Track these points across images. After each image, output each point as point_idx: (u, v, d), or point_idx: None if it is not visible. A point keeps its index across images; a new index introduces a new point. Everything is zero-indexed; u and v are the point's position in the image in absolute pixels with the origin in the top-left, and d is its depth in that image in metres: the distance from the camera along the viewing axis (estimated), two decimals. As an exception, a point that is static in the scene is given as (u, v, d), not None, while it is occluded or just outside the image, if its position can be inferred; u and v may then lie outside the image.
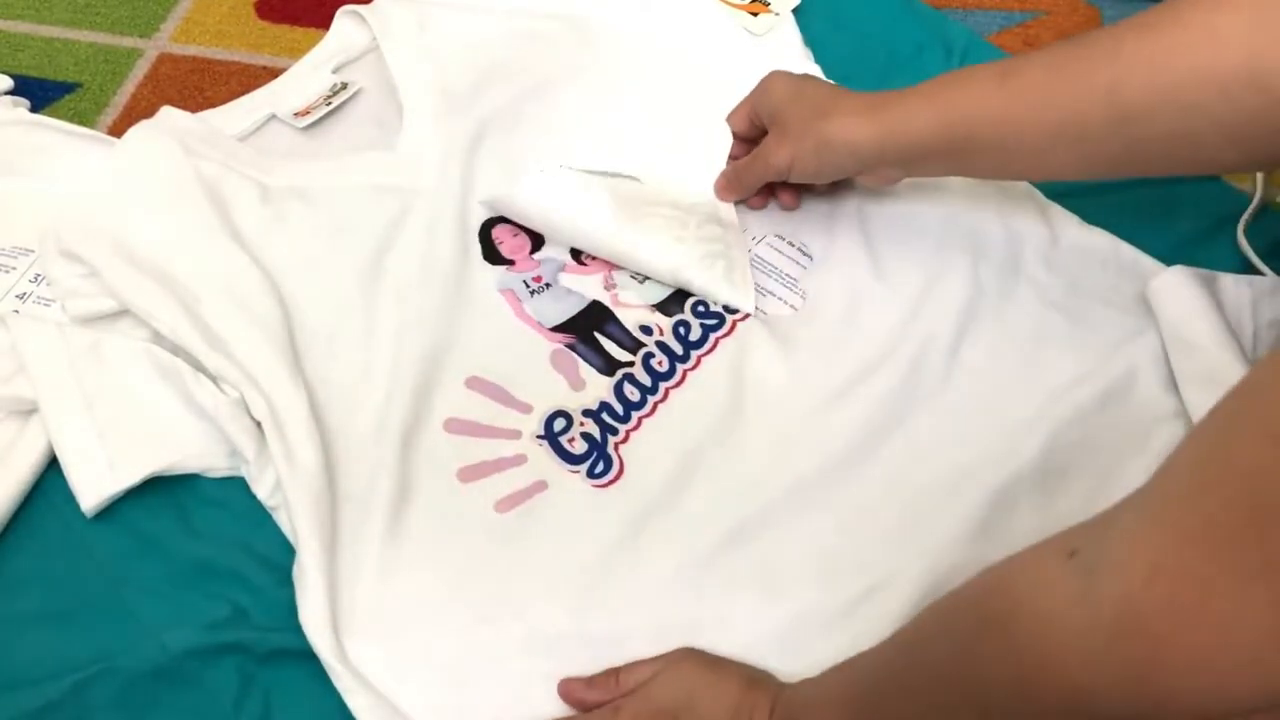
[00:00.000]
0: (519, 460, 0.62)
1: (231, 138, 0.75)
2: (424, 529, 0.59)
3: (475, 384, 0.65)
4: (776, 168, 0.66)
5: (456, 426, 0.63)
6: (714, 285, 0.67)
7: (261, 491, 0.61)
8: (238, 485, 0.62)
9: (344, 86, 0.79)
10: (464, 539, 0.59)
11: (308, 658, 0.55)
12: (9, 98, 0.81)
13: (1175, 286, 0.63)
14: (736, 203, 0.71)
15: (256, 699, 0.56)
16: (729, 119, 0.71)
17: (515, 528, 0.60)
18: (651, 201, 0.69)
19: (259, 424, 0.61)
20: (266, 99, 0.78)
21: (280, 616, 0.57)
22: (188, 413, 0.62)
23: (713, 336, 0.66)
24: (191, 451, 0.62)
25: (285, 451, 0.59)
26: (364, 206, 0.71)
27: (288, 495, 0.59)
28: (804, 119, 0.64)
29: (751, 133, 0.70)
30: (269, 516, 0.61)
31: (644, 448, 0.62)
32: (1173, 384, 0.62)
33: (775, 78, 0.68)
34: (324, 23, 0.83)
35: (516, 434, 0.63)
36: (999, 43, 0.83)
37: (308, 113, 0.77)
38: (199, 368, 0.63)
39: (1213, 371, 0.60)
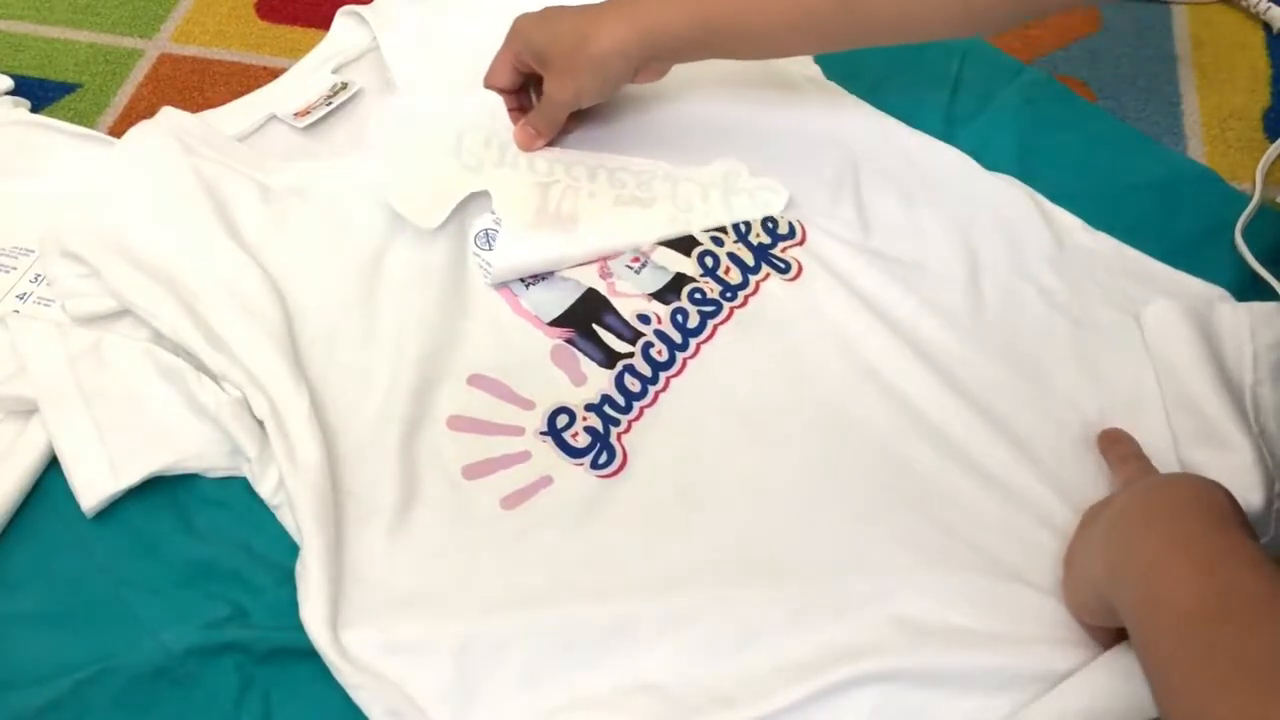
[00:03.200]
0: (523, 457, 0.62)
1: (231, 138, 0.75)
2: (429, 526, 0.60)
3: (478, 381, 0.65)
4: (566, 103, 0.70)
5: (460, 424, 0.63)
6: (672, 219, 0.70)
7: (264, 490, 0.61)
8: (238, 485, 0.62)
9: (344, 86, 0.79)
10: (470, 535, 0.59)
11: (308, 657, 0.55)
12: (9, 98, 0.81)
13: (1166, 315, 0.63)
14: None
15: (256, 698, 0.56)
16: (491, 79, 0.73)
17: (521, 523, 0.60)
18: (559, 195, 0.71)
19: (261, 423, 0.61)
20: (266, 99, 0.79)
21: (280, 616, 0.57)
22: (188, 413, 0.62)
23: (711, 324, 0.66)
24: (191, 451, 0.62)
25: (287, 450, 0.59)
26: (364, 207, 0.71)
27: (291, 493, 0.59)
28: (571, 51, 0.68)
29: (519, 81, 0.73)
30: (269, 516, 0.61)
31: (646, 436, 0.62)
32: None
33: (522, 22, 0.71)
34: (324, 23, 0.83)
35: (520, 430, 0.63)
36: (999, 42, 0.83)
37: (308, 113, 0.77)
38: (200, 367, 0.63)
39: (1189, 398, 0.60)
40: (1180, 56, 0.82)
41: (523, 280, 0.69)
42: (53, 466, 0.63)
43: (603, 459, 0.62)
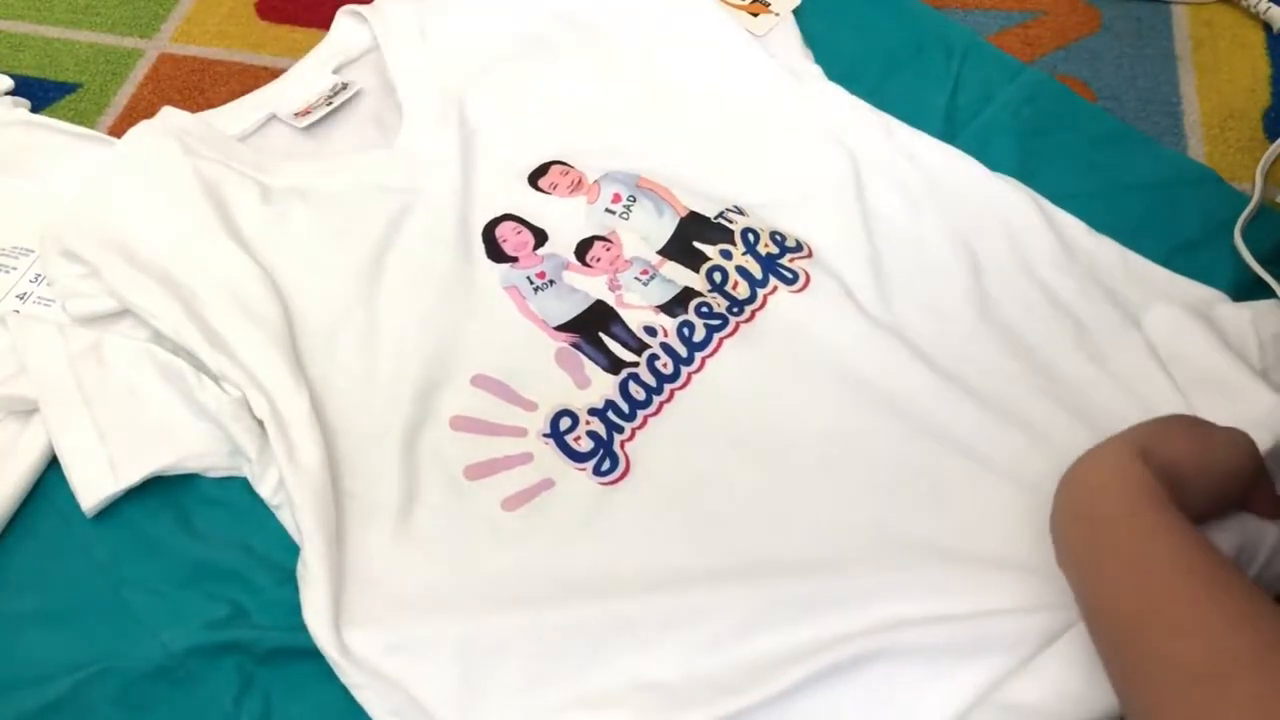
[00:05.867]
0: (525, 458, 0.62)
1: (231, 138, 0.75)
2: (430, 526, 0.60)
3: (481, 382, 0.65)
4: None
5: (463, 424, 0.63)
6: None
7: (264, 490, 0.61)
8: (238, 485, 0.62)
9: (344, 87, 0.79)
10: (471, 536, 0.59)
11: (308, 657, 0.55)
12: (9, 98, 0.81)
13: (1169, 315, 0.63)
14: None
15: (257, 698, 0.56)
16: None
17: (522, 525, 0.60)
18: None
19: (261, 423, 0.61)
20: (267, 99, 0.78)
21: (280, 616, 0.57)
22: (188, 413, 0.62)
23: (716, 337, 0.66)
24: (191, 451, 0.62)
25: (288, 450, 0.59)
26: (365, 206, 0.71)
27: (291, 494, 0.59)
28: None
29: None
30: (269, 516, 0.61)
31: (650, 446, 0.62)
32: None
33: None
34: (324, 23, 0.83)
35: (523, 432, 0.63)
36: (999, 42, 0.83)
37: (308, 113, 0.77)
38: (200, 368, 0.63)
39: (1208, 374, 0.60)
40: (1180, 56, 0.82)
41: (531, 283, 0.68)
42: (53, 466, 0.63)
43: (605, 466, 0.62)
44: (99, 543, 0.61)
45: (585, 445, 0.62)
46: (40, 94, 0.84)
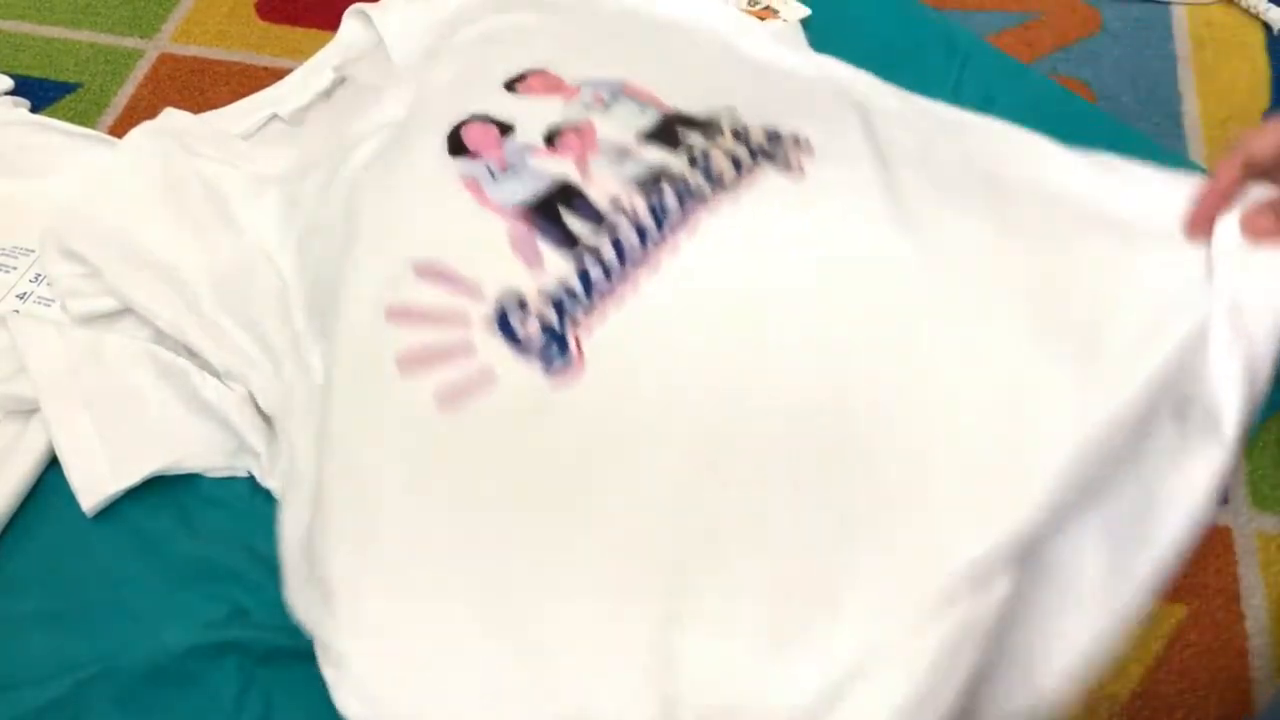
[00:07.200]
0: (466, 349, 0.54)
1: (233, 135, 0.75)
2: (353, 427, 0.55)
3: (424, 270, 0.57)
4: None
5: (400, 315, 0.56)
6: None
7: (274, 483, 0.61)
8: (238, 485, 0.62)
9: (343, 81, 0.79)
10: (403, 443, 0.54)
11: (308, 657, 0.55)
12: (9, 98, 0.81)
13: None
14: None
15: (257, 698, 0.56)
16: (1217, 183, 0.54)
17: (459, 433, 0.53)
18: None
19: (267, 420, 0.61)
20: (268, 99, 0.79)
21: (280, 616, 0.57)
22: (188, 412, 0.62)
23: (694, 216, 0.56)
24: (191, 451, 0.62)
25: (289, 449, 0.59)
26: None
27: (287, 494, 0.58)
28: None
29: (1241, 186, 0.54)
30: (270, 516, 0.61)
31: (608, 340, 0.54)
32: None
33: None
34: (325, 23, 0.83)
35: (465, 319, 0.55)
36: (999, 43, 0.83)
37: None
38: (203, 365, 0.63)
39: None
40: (1180, 56, 0.82)
41: (490, 172, 0.60)
42: (53, 466, 0.63)
43: (555, 358, 0.54)
44: (99, 543, 0.61)
45: (534, 333, 0.54)
46: (40, 94, 0.84)
